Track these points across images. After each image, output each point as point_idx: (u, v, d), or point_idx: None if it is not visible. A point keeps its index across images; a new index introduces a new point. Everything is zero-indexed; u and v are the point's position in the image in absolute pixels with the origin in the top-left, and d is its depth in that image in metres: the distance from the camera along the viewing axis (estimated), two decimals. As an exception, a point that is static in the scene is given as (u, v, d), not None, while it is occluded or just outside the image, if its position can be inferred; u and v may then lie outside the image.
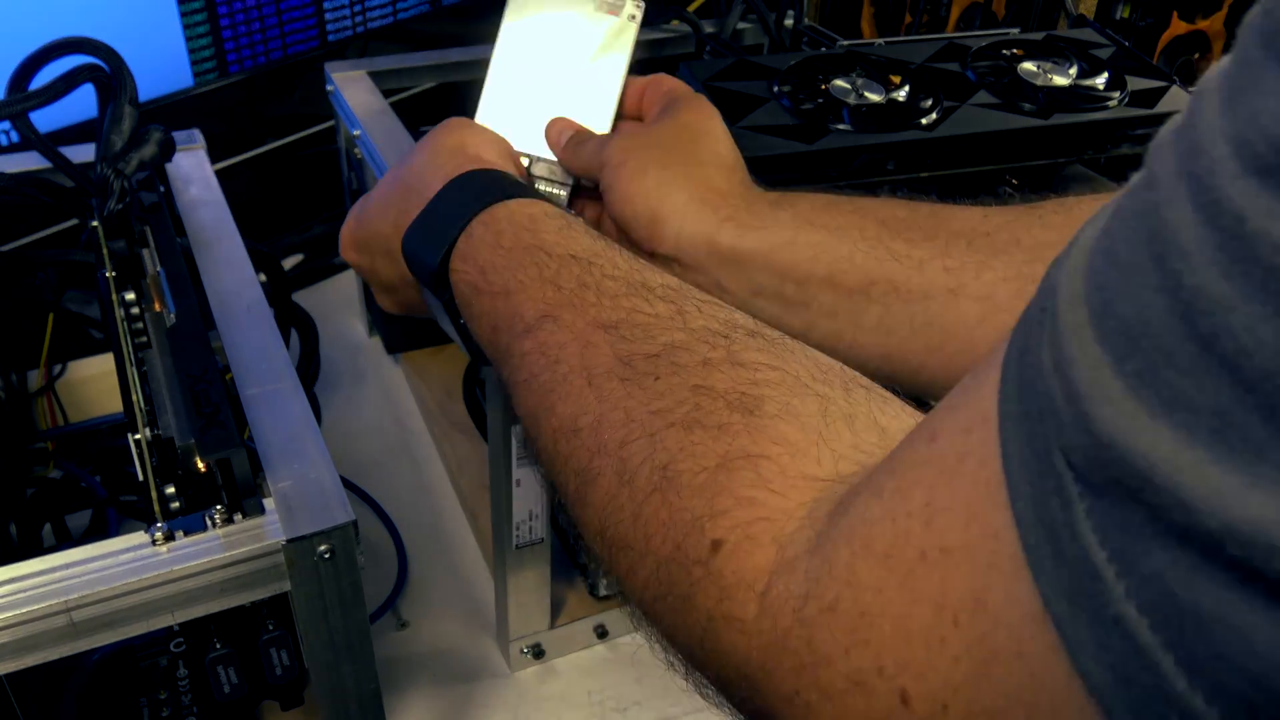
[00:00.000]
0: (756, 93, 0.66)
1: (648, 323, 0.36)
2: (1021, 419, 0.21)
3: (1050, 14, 0.92)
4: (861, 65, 0.68)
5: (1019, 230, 0.45)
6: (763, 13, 0.87)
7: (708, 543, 0.29)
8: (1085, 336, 0.19)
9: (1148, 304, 0.18)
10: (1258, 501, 0.15)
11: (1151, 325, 0.17)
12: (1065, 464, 0.19)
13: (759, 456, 0.30)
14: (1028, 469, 0.20)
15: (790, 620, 0.26)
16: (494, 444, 0.57)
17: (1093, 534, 0.18)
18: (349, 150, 0.78)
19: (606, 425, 0.33)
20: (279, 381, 0.48)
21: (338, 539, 0.41)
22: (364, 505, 0.74)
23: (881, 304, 0.45)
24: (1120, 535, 0.18)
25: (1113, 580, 0.18)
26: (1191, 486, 0.16)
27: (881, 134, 0.64)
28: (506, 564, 0.60)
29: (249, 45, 0.88)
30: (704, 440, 0.31)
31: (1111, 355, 0.18)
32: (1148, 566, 0.17)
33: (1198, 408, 0.16)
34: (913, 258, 0.45)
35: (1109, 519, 0.18)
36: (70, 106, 0.59)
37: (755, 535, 0.28)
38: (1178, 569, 0.17)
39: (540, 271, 0.39)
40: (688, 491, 0.30)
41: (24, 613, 0.37)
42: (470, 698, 0.63)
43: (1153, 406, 0.17)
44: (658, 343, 0.35)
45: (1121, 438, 0.18)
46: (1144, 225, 0.18)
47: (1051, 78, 0.69)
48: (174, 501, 0.43)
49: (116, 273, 0.54)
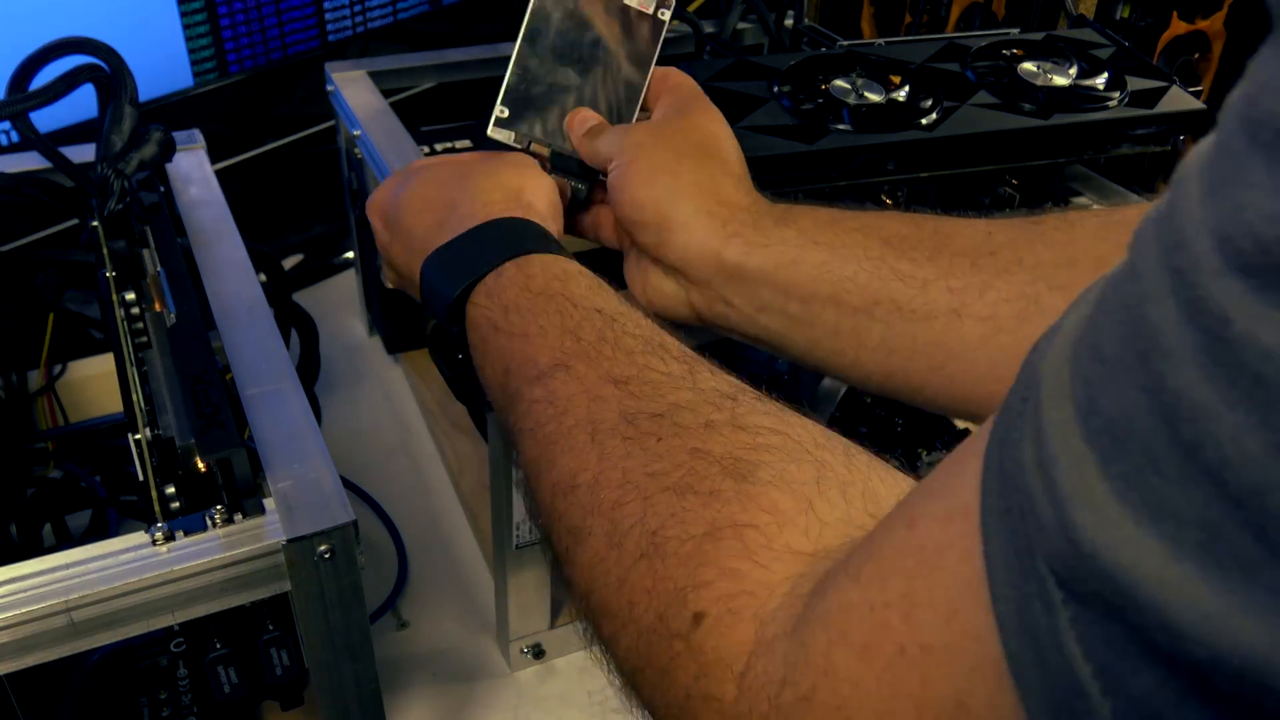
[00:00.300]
0: (756, 93, 0.66)
1: (658, 380, 0.36)
2: (1003, 515, 0.20)
3: (1050, 14, 0.92)
4: (861, 65, 0.68)
5: (1022, 250, 0.45)
6: (763, 13, 0.87)
7: (690, 615, 0.29)
8: (1070, 433, 0.18)
9: (1133, 403, 0.17)
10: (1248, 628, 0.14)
11: (1136, 426, 0.16)
12: (1048, 569, 0.18)
13: (746, 526, 0.29)
14: (1009, 570, 0.19)
15: (767, 707, 0.26)
16: (494, 444, 0.57)
17: (1076, 645, 0.17)
18: (349, 150, 0.78)
19: (603, 484, 0.33)
20: (279, 381, 0.48)
21: (338, 539, 0.41)
22: (364, 505, 0.74)
23: (884, 323, 0.45)
24: (1105, 651, 0.17)
25: (1098, 699, 0.17)
26: (1178, 609, 0.15)
27: (882, 134, 0.64)
28: (506, 564, 0.60)
29: (249, 45, 0.88)
30: (694, 506, 0.31)
31: (1097, 454, 0.17)
32: (1136, 688, 0.16)
33: (1184, 518, 0.15)
34: (916, 278, 0.45)
35: (1093, 632, 0.17)
36: (70, 106, 0.59)
37: (737, 610, 0.28)
38: (1166, 694, 0.16)
39: (563, 320, 0.39)
40: (673, 560, 0.30)
41: (24, 613, 0.37)
42: (470, 698, 0.63)
43: (1139, 514, 0.16)
44: (665, 401, 0.34)
45: (1105, 550, 0.17)
46: (1128, 319, 0.17)
47: (1051, 78, 0.69)
48: (174, 501, 0.43)
49: (116, 273, 0.54)
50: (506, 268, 0.43)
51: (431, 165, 0.52)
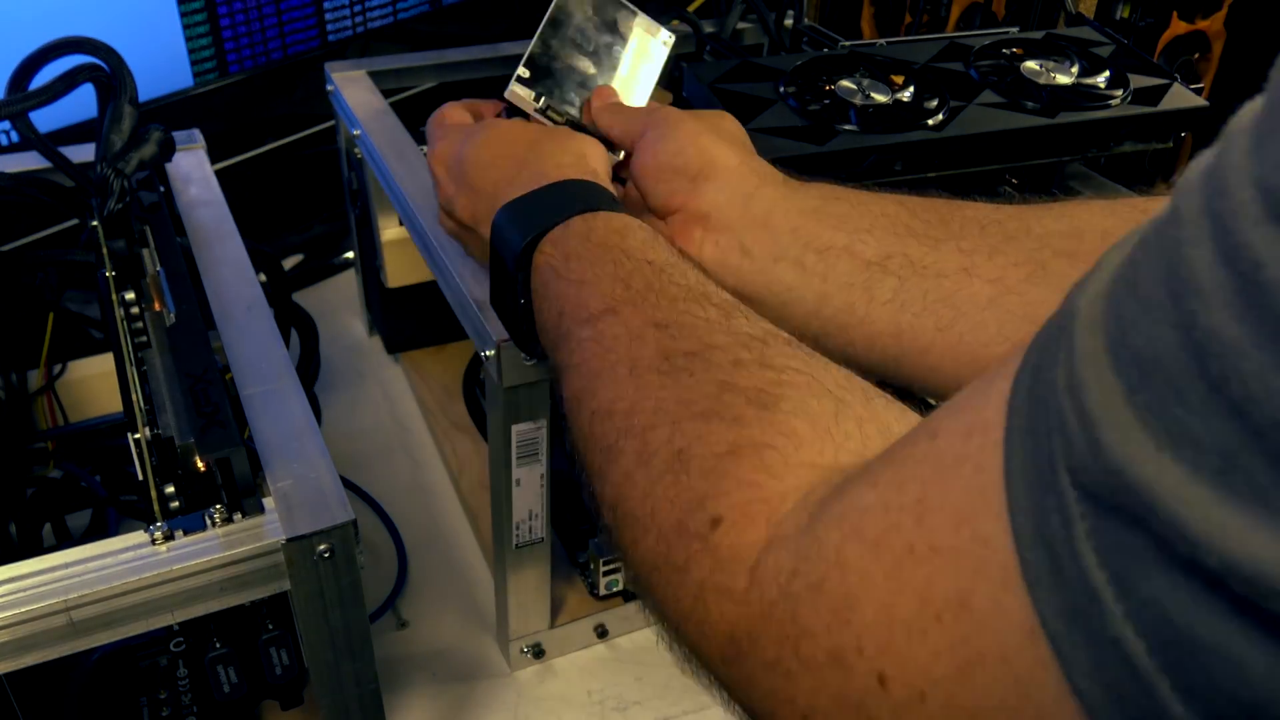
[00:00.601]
0: (763, 94, 0.66)
1: (695, 324, 0.38)
2: (1028, 434, 0.21)
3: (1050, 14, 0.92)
4: (865, 66, 0.68)
5: (1029, 220, 0.47)
6: (763, 13, 0.87)
7: (709, 519, 0.31)
8: (1101, 363, 0.19)
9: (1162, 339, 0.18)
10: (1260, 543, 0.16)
11: (1164, 360, 0.18)
12: (1070, 483, 0.19)
13: (766, 446, 0.32)
14: (1029, 483, 0.21)
15: (777, 593, 0.28)
16: (494, 444, 0.57)
17: (1093, 554, 0.19)
18: (349, 150, 0.78)
19: (638, 411, 0.36)
20: (279, 381, 0.49)
21: (337, 538, 0.41)
22: (364, 505, 0.74)
23: (897, 277, 0.47)
24: (1121, 558, 0.18)
25: (1112, 602, 0.18)
26: (1195, 522, 0.17)
27: (891, 134, 0.64)
28: (506, 564, 0.60)
29: (249, 45, 0.88)
30: (719, 429, 0.33)
31: (1124, 384, 0.18)
32: (1148, 591, 0.18)
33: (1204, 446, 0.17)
34: (930, 236, 0.47)
35: (1111, 541, 0.18)
36: (70, 106, 0.59)
37: (752, 515, 0.30)
38: (1178, 596, 0.17)
39: (616, 270, 0.42)
40: (697, 474, 0.33)
41: (24, 612, 0.37)
42: (470, 697, 0.63)
43: (1160, 439, 0.17)
44: (700, 342, 0.37)
45: (1129, 466, 0.18)
46: (1165, 261, 0.18)
47: (1054, 76, 0.69)
48: (174, 501, 0.43)
49: (116, 272, 0.54)
50: (573, 221, 0.45)
51: (497, 124, 0.55)
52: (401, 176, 0.65)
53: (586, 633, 0.66)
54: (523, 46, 0.58)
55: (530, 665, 0.65)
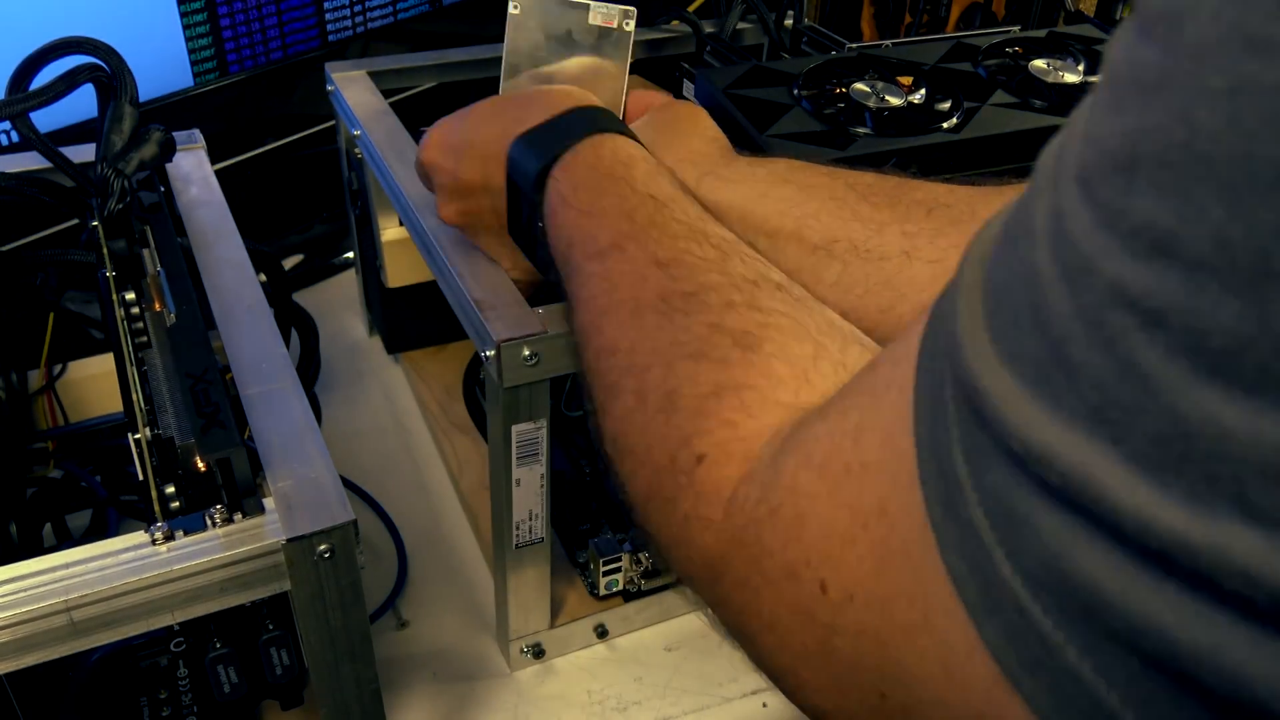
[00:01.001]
0: (779, 99, 0.66)
1: (694, 264, 0.40)
2: (930, 357, 0.25)
3: (1050, 13, 0.92)
4: (875, 68, 0.68)
5: (977, 203, 0.48)
6: (763, 13, 0.87)
7: (694, 456, 0.34)
8: (973, 297, 0.23)
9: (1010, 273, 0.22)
10: (1055, 432, 0.20)
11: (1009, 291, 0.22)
12: (950, 396, 0.23)
13: (746, 387, 0.35)
14: (927, 399, 0.24)
15: (745, 519, 0.31)
16: (494, 444, 0.57)
17: (960, 454, 0.22)
18: (349, 150, 0.78)
19: (638, 351, 0.39)
20: (279, 381, 0.49)
21: (338, 538, 0.41)
22: (364, 505, 0.74)
23: (841, 261, 0.49)
24: (972, 453, 0.22)
25: (968, 490, 0.22)
26: (1012, 416, 0.21)
27: (910, 137, 0.64)
28: (506, 564, 0.60)
29: (249, 45, 0.88)
30: (706, 370, 0.36)
31: (984, 312, 0.22)
32: (989, 480, 0.21)
33: (1027, 359, 0.21)
34: (874, 220, 0.49)
35: (969, 442, 0.22)
36: (70, 106, 0.59)
37: (730, 452, 0.33)
38: (1003, 478, 0.21)
39: (621, 203, 0.44)
40: (684, 413, 0.36)
41: (24, 612, 0.37)
42: (470, 697, 0.63)
43: (1000, 353, 0.21)
44: (696, 282, 0.39)
45: (979, 377, 0.22)
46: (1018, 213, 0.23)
47: (1062, 75, 0.69)
48: (174, 501, 0.43)
49: (116, 272, 0.54)
50: (582, 146, 0.47)
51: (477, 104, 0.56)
52: (401, 176, 0.65)
53: (586, 633, 0.66)
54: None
55: (530, 665, 0.65)
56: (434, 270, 0.60)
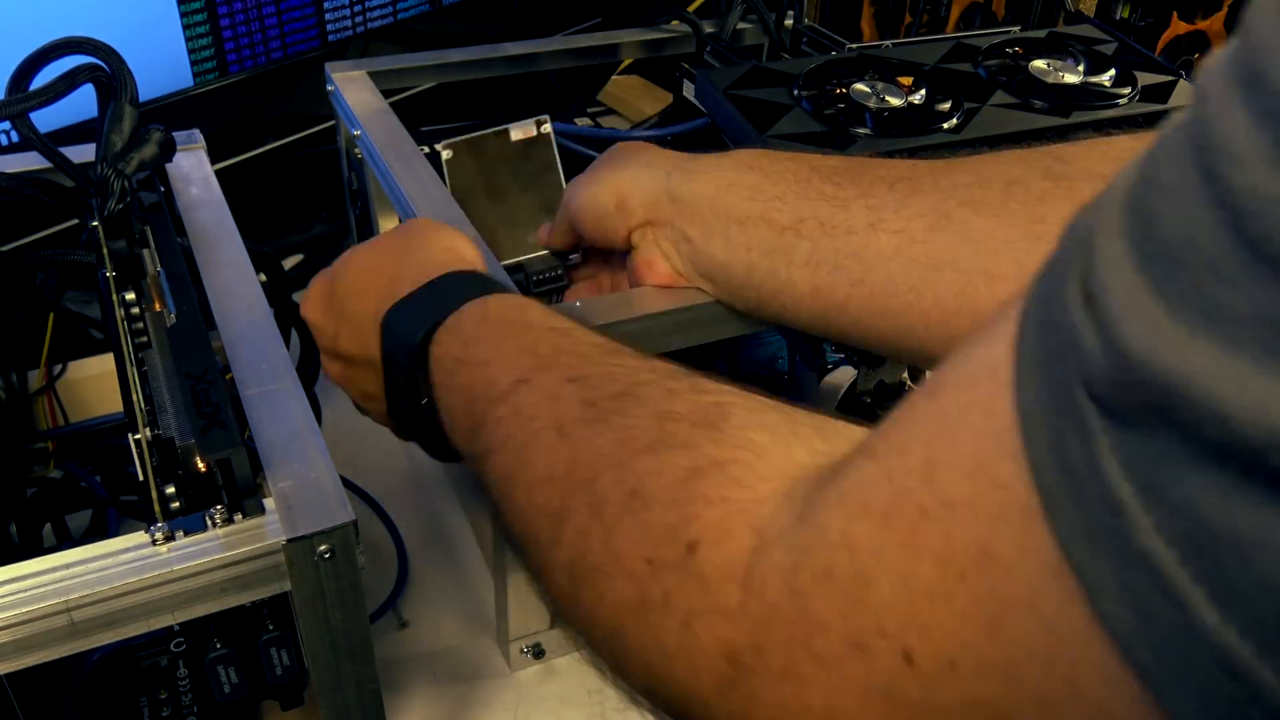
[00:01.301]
0: (779, 100, 0.66)
1: (614, 371, 0.38)
2: (1040, 363, 0.20)
3: (1050, 13, 0.92)
4: (875, 68, 0.68)
5: (938, 175, 0.49)
6: (763, 13, 0.87)
7: (682, 546, 0.29)
8: (1124, 266, 0.18)
9: (1194, 219, 0.17)
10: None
11: (1196, 240, 0.17)
12: (1087, 397, 0.19)
13: (728, 461, 0.30)
14: (1045, 411, 0.20)
15: (780, 593, 0.26)
16: (494, 444, 0.57)
17: (1117, 467, 0.18)
18: (349, 150, 0.78)
19: (579, 466, 0.34)
20: (279, 381, 0.48)
21: (338, 539, 0.41)
22: (364, 505, 0.74)
23: (810, 240, 0.49)
24: (1147, 464, 0.17)
25: (1138, 513, 0.17)
26: (1232, 397, 0.16)
27: (910, 137, 0.64)
28: (506, 564, 0.60)
29: (249, 45, 0.88)
30: (671, 459, 0.31)
31: (1151, 279, 0.18)
32: (1179, 494, 0.17)
33: (1243, 318, 0.16)
34: (839, 197, 0.49)
35: (1135, 449, 0.18)
36: (70, 106, 0.59)
37: (730, 528, 0.29)
38: (1212, 492, 0.16)
39: (520, 341, 0.42)
40: (659, 506, 0.31)
41: (24, 612, 0.37)
42: (470, 698, 0.63)
43: (1192, 325, 0.17)
44: (624, 384, 0.36)
45: (1155, 355, 0.17)
46: (1191, 143, 0.18)
47: (1062, 75, 0.69)
48: (174, 501, 0.43)
49: (116, 273, 0.54)
50: (466, 307, 0.45)
51: (356, 250, 0.55)
52: (401, 176, 0.65)
53: (587, 633, 0.66)
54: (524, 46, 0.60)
55: (530, 665, 0.65)
56: (434, 270, 0.60)
